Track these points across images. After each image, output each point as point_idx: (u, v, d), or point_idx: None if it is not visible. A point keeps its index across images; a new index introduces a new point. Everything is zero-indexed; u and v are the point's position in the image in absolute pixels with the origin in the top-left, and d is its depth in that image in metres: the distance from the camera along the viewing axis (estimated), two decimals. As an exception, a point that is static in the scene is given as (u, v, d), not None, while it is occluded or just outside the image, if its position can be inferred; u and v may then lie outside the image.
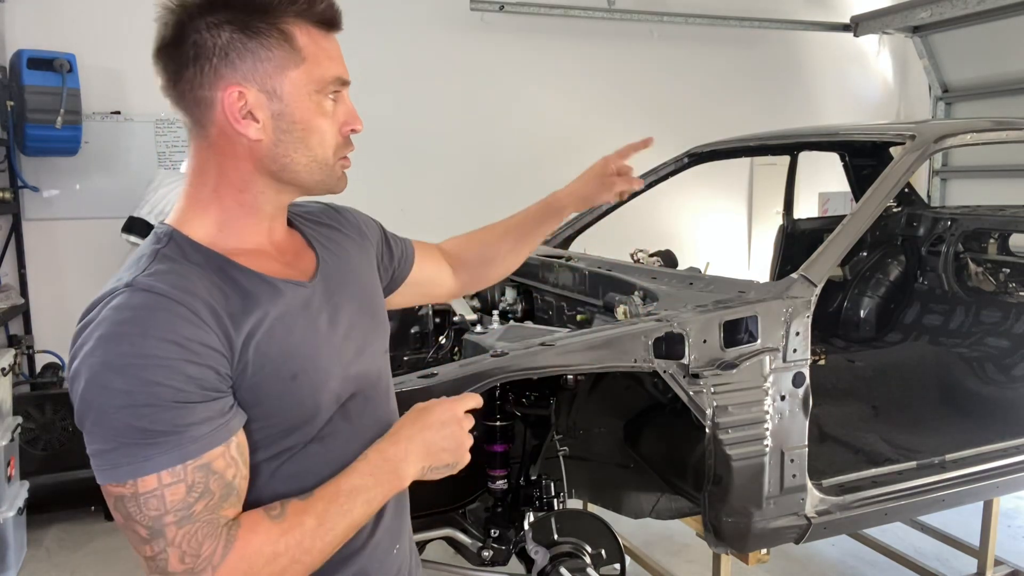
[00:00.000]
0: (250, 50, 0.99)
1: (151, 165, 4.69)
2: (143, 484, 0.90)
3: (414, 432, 1.08)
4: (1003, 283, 3.43)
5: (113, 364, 0.90)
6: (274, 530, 0.95)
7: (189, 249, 1.01)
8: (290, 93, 1.02)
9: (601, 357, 1.87)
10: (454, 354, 2.79)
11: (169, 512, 0.90)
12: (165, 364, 0.90)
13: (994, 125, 2.68)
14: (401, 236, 1.43)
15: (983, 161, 6.15)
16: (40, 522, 3.78)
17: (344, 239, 1.24)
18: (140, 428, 0.90)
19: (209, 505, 0.92)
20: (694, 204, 6.19)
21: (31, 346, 4.44)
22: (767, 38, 6.40)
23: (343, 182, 1.12)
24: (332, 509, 0.99)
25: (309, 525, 0.97)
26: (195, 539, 0.91)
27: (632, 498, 2.56)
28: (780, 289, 2.12)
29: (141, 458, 0.90)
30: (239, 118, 1.00)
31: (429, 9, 5.34)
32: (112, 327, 0.92)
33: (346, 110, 1.09)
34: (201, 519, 0.92)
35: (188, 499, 0.91)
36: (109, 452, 0.91)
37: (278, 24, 1.00)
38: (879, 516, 2.29)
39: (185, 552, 0.90)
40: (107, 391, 0.90)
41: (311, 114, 1.04)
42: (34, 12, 4.42)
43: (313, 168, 1.06)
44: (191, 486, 0.91)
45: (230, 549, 0.92)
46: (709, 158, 3.43)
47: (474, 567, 2.18)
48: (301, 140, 1.04)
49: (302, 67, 1.02)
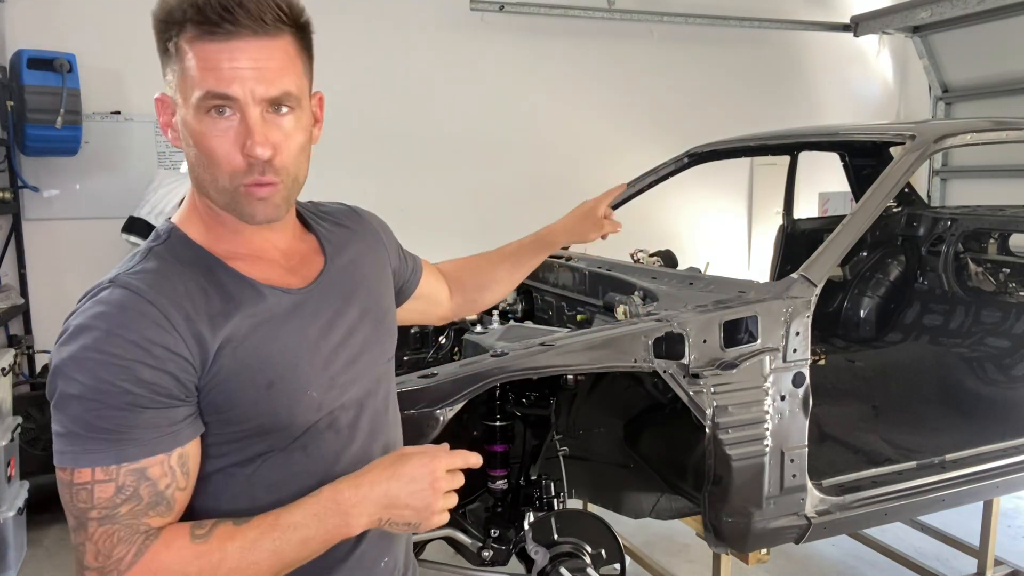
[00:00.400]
0: (164, 64, 1.01)
1: (151, 165, 4.69)
2: (78, 475, 0.92)
3: (380, 479, 0.99)
4: (1003, 283, 3.43)
5: (76, 356, 0.93)
6: (188, 551, 0.93)
7: (182, 247, 1.03)
8: (184, 108, 0.98)
9: (601, 357, 1.87)
10: (454, 354, 2.79)
11: (95, 508, 0.92)
12: (120, 364, 0.92)
13: (994, 125, 2.68)
14: (407, 251, 1.43)
15: (983, 161, 6.15)
16: (40, 522, 3.77)
17: (359, 242, 1.24)
18: (86, 421, 0.92)
19: (134, 510, 0.93)
20: (694, 204, 6.19)
21: (31, 346, 4.44)
22: (767, 38, 6.40)
23: (260, 210, 1.00)
24: (263, 541, 0.94)
25: (231, 552, 0.93)
26: (110, 540, 0.92)
27: (632, 498, 2.56)
28: (780, 289, 2.12)
29: (81, 450, 0.92)
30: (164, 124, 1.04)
31: (429, 9, 5.34)
32: (85, 319, 0.95)
33: (241, 129, 0.96)
34: (122, 522, 0.92)
35: (115, 500, 0.92)
36: (60, 436, 0.94)
37: (176, 39, 0.97)
38: (879, 516, 2.29)
39: (99, 550, 0.92)
40: (66, 380, 0.93)
41: (201, 132, 0.97)
42: (34, 12, 4.42)
43: (218, 189, 1.00)
44: (120, 487, 0.92)
45: (139, 558, 0.93)
46: (709, 158, 3.43)
47: (474, 567, 2.18)
48: (203, 160, 0.99)
49: (189, 81, 0.96)
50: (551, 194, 5.54)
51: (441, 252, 3.52)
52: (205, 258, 1.03)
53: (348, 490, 0.99)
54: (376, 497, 0.99)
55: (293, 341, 1.04)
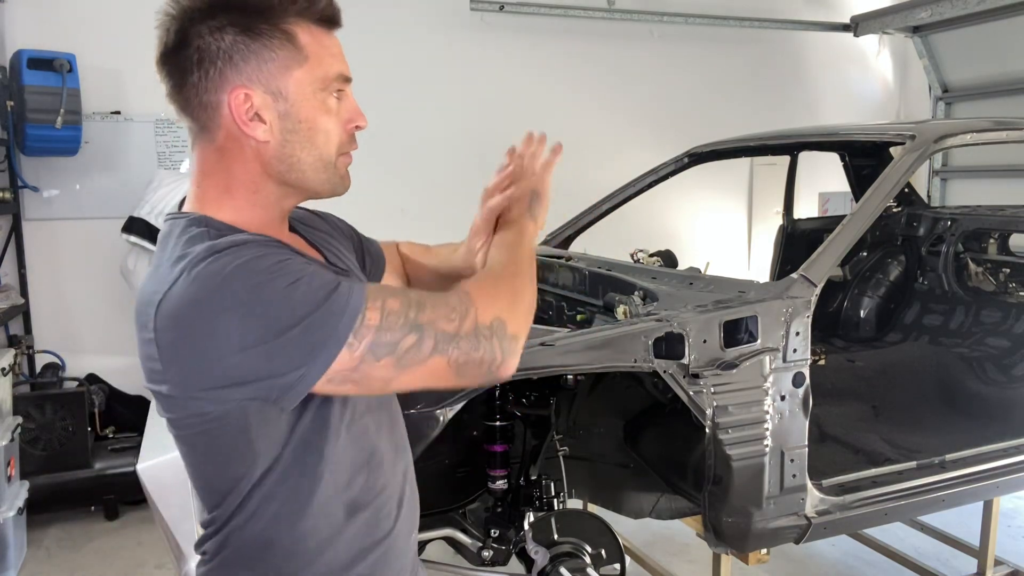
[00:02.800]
0: (253, 52, 1.00)
1: (151, 165, 4.68)
2: (369, 317, 0.94)
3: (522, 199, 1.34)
4: (1003, 283, 3.42)
5: (251, 266, 0.92)
6: (483, 274, 1.14)
7: (227, 231, 1.02)
8: (295, 92, 1.02)
9: (601, 357, 1.87)
10: (454, 354, 2.79)
11: (410, 307, 0.97)
12: (294, 261, 0.95)
13: (994, 125, 2.68)
14: (368, 236, 1.43)
15: (983, 161, 6.15)
16: (40, 522, 3.78)
17: (335, 240, 1.27)
18: (315, 302, 0.91)
19: (419, 302, 0.99)
20: (694, 204, 6.19)
21: (31, 346, 4.44)
22: (767, 38, 6.39)
23: (347, 181, 1.12)
24: (504, 250, 1.20)
25: (502, 263, 1.16)
26: (444, 306, 0.99)
27: (632, 498, 2.56)
28: (780, 289, 2.12)
29: (347, 294, 0.94)
30: (246, 120, 1.01)
31: (429, 9, 5.33)
32: (227, 271, 0.92)
33: (350, 107, 1.09)
34: (427, 303, 0.99)
35: (405, 301, 0.98)
36: (313, 314, 0.91)
37: (279, 25, 1.01)
38: (879, 516, 2.29)
39: (441, 316, 0.98)
40: (260, 286, 0.91)
41: (316, 112, 1.04)
42: (34, 12, 4.42)
43: (319, 167, 1.06)
44: (391, 298, 0.98)
45: (468, 301, 1.01)
46: (709, 158, 3.43)
47: (474, 567, 2.18)
48: (307, 139, 1.04)
49: (305, 66, 1.03)
50: (550, 194, 5.54)
51: (441, 252, 3.51)
52: (257, 235, 1.04)
53: (511, 217, 1.30)
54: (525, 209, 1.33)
55: None
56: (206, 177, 1.06)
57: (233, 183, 1.05)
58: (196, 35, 0.99)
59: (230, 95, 1.00)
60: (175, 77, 1.02)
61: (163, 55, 1.02)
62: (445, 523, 2.24)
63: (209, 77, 0.99)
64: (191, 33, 0.99)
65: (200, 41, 0.99)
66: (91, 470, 3.89)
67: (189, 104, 1.02)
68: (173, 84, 1.02)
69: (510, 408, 2.12)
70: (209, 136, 1.04)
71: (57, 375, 4.40)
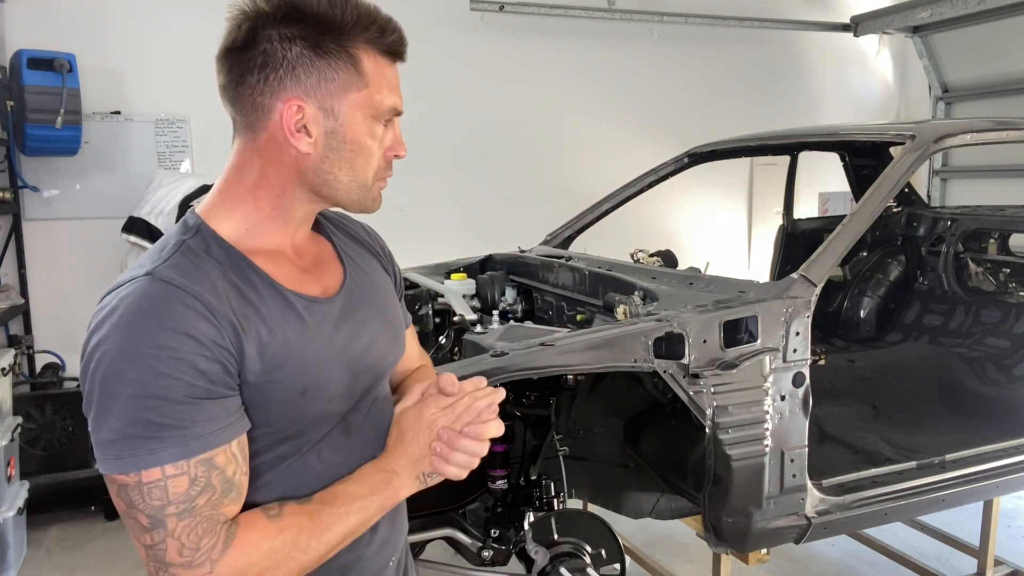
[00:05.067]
0: (317, 68, 1.01)
1: (151, 165, 4.68)
2: (147, 475, 0.91)
3: (400, 440, 1.09)
4: (1003, 283, 3.43)
5: (127, 352, 0.90)
6: (271, 528, 0.97)
7: (214, 244, 1.03)
8: (347, 114, 1.04)
9: (601, 357, 1.87)
10: (454, 354, 2.79)
11: (171, 503, 0.91)
12: (178, 356, 0.91)
13: (994, 125, 2.68)
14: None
15: (983, 161, 6.15)
16: (40, 522, 3.78)
17: (373, 260, 1.26)
18: (146, 420, 0.90)
19: (211, 500, 0.93)
20: (694, 204, 6.19)
21: (31, 346, 4.44)
22: (767, 38, 6.39)
23: (378, 202, 1.13)
24: (327, 511, 1.01)
25: (304, 524, 0.99)
26: (195, 533, 0.92)
27: (632, 498, 2.56)
28: (780, 289, 2.12)
29: (145, 451, 0.90)
30: (294, 130, 1.02)
31: (429, 9, 5.33)
32: (128, 316, 0.92)
33: (394, 136, 1.11)
34: (202, 514, 0.92)
35: (191, 492, 0.92)
36: (114, 441, 0.91)
37: (348, 47, 1.02)
38: (879, 516, 2.29)
39: (184, 545, 0.91)
40: (118, 379, 0.90)
41: (363, 136, 1.06)
42: (34, 12, 4.42)
43: (352, 188, 1.08)
44: (194, 479, 0.92)
45: (229, 545, 0.93)
46: (709, 158, 3.43)
47: (474, 567, 2.18)
48: (348, 160, 1.06)
49: (363, 92, 1.05)
50: (550, 194, 5.54)
51: (440, 252, 3.54)
52: (236, 257, 1.03)
53: (382, 461, 1.08)
54: (405, 460, 1.08)
55: (323, 350, 1.06)
56: (237, 171, 1.07)
57: (262, 183, 1.06)
58: (265, 38, 1.00)
59: (285, 104, 1.01)
60: (234, 73, 1.02)
61: (228, 49, 1.02)
62: (445, 523, 2.25)
63: (268, 82, 1.01)
64: (261, 35, 1.00)
65: (268, 46, 1.00)
66: (91, 470, 3.88)
67: (241, 100, 1.03)
68: (230, 80, 1.03)
69: (510, 408, 2.12)
70: (252, 135, 1.05)
71: (57, 375, 4.40)
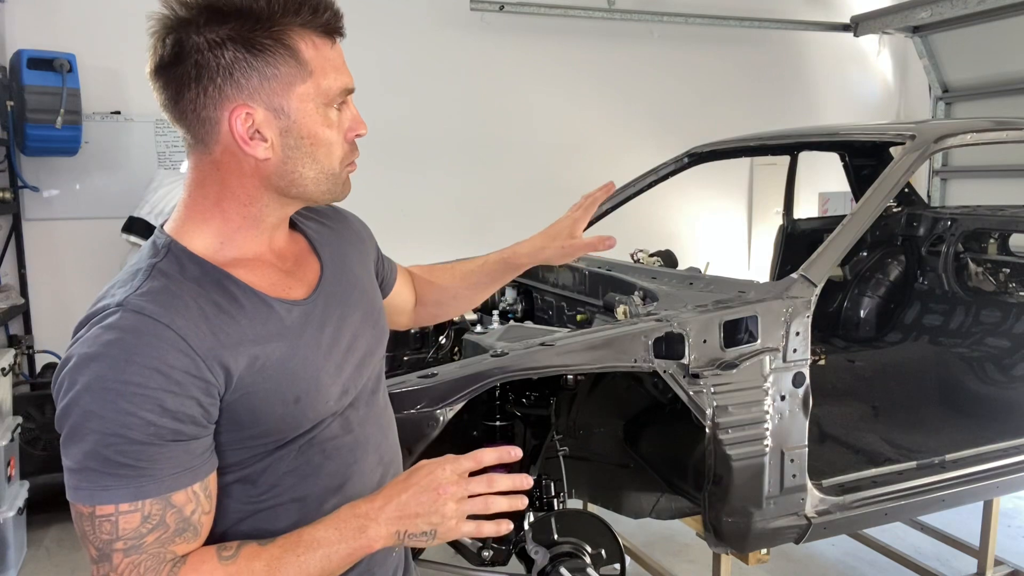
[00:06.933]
0: (255, 68, 0.95)
1: (151, 165, 4.68)
2: (100, 509, 0.89)
3: (393, 492, 0.99)
4: (1003, 283, 3.43)
5: (91, 386, 0.88)
6: (219, 571, 0.93)
7: (187, 262, 0.99)
8: (297, 108, 0.98)
9: (601, 357, 1.87)
10: (454, 354, 2.79)
11: (119, 539, 0.89)
12: (143, 393, 0.88)
13: (994, 125, 2.67)
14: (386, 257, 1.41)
15: (983, 161, 6.14)
16: (40, 522, 3.77)
17: (346, 244, 1.23)
18: (104, 457, 0.88)
19: (161, 538, 0.91)
20: (694, 204, 6.19)
21: (31, 346, 4.44)
22: (767, 38, 6.40)
23: (347, 187, 1.09)
24: (287, 558, 0.95)
25: (259, 571, 0.93)
26: (137, 571, 0.90)
27: (632, 498, 2.56)
28: (780, 289, 2.12)
29: (100, 487, 0.89)
30: (247, 139, 0.97)
31: (429, 9, 5.33)
32: (97, 348, 0.89)
33: (351, 116, 1.06)
34: (149, 551, 0.90)
35: (141, 529, 0.90)
36: (75, 471, 0.90)
37: (282, 39, 0.96)
38: (879, 516, 2.29)
39: None
40: (82, 412, 0.88)
41: (318, 127, 1.01)
42: (34, 12, 4.42)
43: (321, 180, 1.04)
44: (147, 517, 0.90)
45: None
46: (709, 158, 3.43)
47: (474, 567, 2.18)
48: (309, 154, 1.01)
49: (309, 81, 0.99)
50: (550, 194, 5.54)
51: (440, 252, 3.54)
52: (212, 272, 0.99)
53: (364, 505, 0.99)
54: (390, 509, 0.98)
55: (311, 353, 1.04)
56: (198, 188, 1.02)
57: (226, 196, 1.01)
58: (193, 48, 0.93)
59: (232, 113, 0.95)
60: (171, 90, 0.97)
61: (158, 67, 0.96)
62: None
63: (208, 94, 0.95)
64: (188, 46, 0.93)
65: (199, 56, 0.93)
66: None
67: (185, 117, 0.97)
68: (168, 98, 0.98)
69: (510, 408, 2.12)
70: (205, 148, 0.99)
71: (57, 375, 4.40)
